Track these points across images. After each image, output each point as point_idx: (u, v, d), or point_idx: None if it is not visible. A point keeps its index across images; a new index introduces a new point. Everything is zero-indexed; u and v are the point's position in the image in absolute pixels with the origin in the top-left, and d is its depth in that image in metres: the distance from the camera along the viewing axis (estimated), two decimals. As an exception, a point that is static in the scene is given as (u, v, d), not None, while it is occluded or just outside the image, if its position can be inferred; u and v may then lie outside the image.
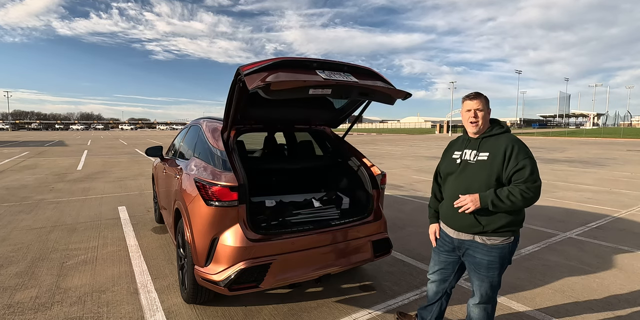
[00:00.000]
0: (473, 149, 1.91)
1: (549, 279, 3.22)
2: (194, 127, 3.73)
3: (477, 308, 2.02)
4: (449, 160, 2.03)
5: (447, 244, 2.06)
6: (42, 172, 10.23)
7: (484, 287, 1.95)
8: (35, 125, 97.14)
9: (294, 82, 2.10)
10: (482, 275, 1.92)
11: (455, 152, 2.02)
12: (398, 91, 2.45)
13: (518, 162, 1.76)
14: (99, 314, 2.62)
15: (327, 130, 3.58)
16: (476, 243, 1.89)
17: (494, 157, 1.82)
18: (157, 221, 4.95)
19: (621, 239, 4.31)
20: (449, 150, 2.10)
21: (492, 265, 1.89)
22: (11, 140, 30.56)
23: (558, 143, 26.09)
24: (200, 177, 2.56)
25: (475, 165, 1.87)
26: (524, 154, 1.78)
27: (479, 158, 1.86)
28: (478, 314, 2.02)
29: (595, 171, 10.25)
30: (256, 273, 2.36)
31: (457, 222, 1.93)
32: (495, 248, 1.86)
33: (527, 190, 1.73)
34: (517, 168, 1.76)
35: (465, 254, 1.97)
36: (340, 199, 3.27)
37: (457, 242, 1.98)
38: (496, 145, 1.84)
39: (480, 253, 1.89)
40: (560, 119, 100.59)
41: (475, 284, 1.99)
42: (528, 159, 1.77)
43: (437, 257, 2.15)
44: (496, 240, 1.85)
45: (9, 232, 4.56)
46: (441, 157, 2.15)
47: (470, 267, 1.97)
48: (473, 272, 1.96)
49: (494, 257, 1.87)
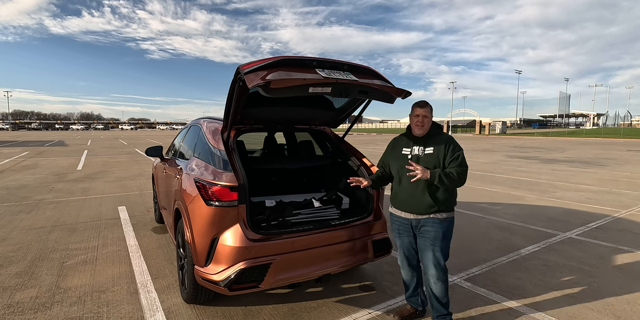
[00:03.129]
0: (420, 146, 2.40)
1: (549, 279, 3.22)
2: (194, 127, 3.73)
3: (436, 279, 2.36)
4: (399, 155, 2.47)
5: (406, 226, 2.46)
6: (42, 172, 10.23)
7: (438, 258, 2.35)
8: (35, 125, 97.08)
9: (293, 80, 2.10)
10: (437, 247, 2.34)
11: (404, 149, 2.47)
12: (398, 90, 2.45)
13: (454, 153, 2.33)
14: (99, 314, 2.62)
15: (327, 130, 3.57)
16: (432, 219, 2.34)
17: (438, 151, 2.34)
18: (157, 221, 4.95)
19: (621, 239, 4.31)
20: (394, 147, 2.55)
21: (446, 235, 2.36)
22: (11, 140, 30.56)
23: (558, 143, 26.10)
24: (200, 177, 2.56)
25: (424, 157, 2.37)
26: (458, 148, 2.35)
27: (426, 152, 2.37)
28: (440, 284, 2.37)
29: (595, 171, 10.25)
30: (256, 273, 2.36)
31: (417, 206, 2.36)
32: (446, 221, 2.36)
33: (461, 171, 2.27)
34: (454, 157, 2.32)
35: (421, 230, 2.38)
36: (340, 199, 3.27)
37: (414, 222, 2.40)
38: (438, 142, 2.36)
39: (436, 227, 2.34)
40: (560, 119, 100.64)
41: (429, 258, 2.35)
42: (460, 151, 2.35)
43: (400, 242, 2.52)
44: (447, 215, 2.36)
45: (8, 232, 4.56)
46: (386, 153, 2.61)
47: (426, 242, 2.36)
48: (429, 246, 2.35)
49: (447, 228, 2.36)
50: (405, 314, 2.56)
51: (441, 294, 2.38)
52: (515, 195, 6.94)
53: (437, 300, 2.39)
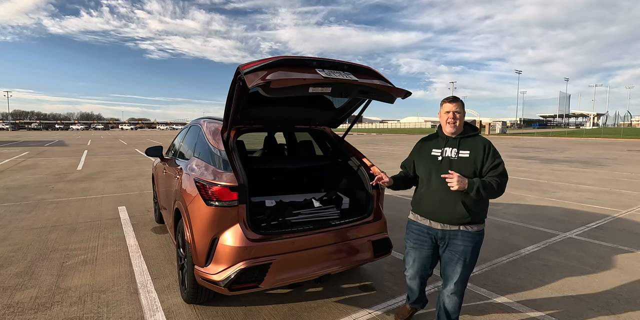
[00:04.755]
0: (453, 147, 2.16)
1: (549, 279, 3.22)
2: (194, 127, 3.73)
3: (454, 297, 2.18)
4: (428, 157, 2.24)
5: (428, 236, 2.22)
6: (42, 172, 10.23)
7: (464, 273, 2.15)
8: (35, 125, 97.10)
9: (293, 80, 2.10)
10: (466, 262, 2.12)
11: (433, 150, 2.23)
12: (398, 89, 2.45)
13: (494, 159, 2.09)
14: (99, 314, 2.62)
15: (327, 130, 3.57)
16: (462, 232, 2.11)
17: (475, 155, 2.10)
18: (157, 221, 4.95)
19: (621, 239, 4.31)
20: (423, 147, 2.31)
21: (476, 250, 2.14)
22: (11, 140, 30.56)
23: (558, 143, 26.09)
24: (200, 177, 2.56)
25: (458, 161, 2.12)
26: (497, 154, 2.12)
27: (461, 155, 2.13)
28: (455, 301, 2.20)
29: (595, 171, 10.25)
30: (256, 273, 2.36)
31: (446, 215, 2.12)
32: (477, 234, 2.13)
33: (501, 182, 2.06)
34: (494, 164, 2.08)
35: (449, 243, 2.15)
36: (340, 199, 3.27)
37: (440, 234, 2.17)
38: (475, 145, 2.13)
39: (466, 241, 2.11)
40: (560, 119, 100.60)
41: (454, 272, 2.15)
42: (501, 159, 2.11)
43: (417, 254, 2.29)
44: (478, 227, 2.13)
45: (9, 232, 4.56)
46: (412, 153, 2.39)
47: (453, 256, 2.14)
48: (455, 260, 2.13)
49: (477, 242, 2.14)
50: (405, 315, 2.54)
51: (453, 309, 2.22)
52: (515, 195, 6.94)
53: (447, 315, 2.24)
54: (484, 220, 2.17)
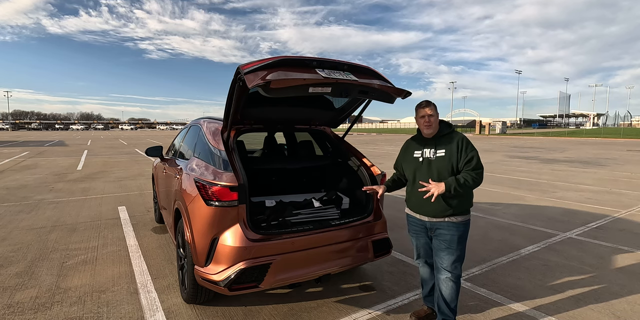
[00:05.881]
0: (431, 148, 2.32)
1: (549, 279, 3.22)
2: (194, 127, 3.73)
3: (449, 281, 2.31)
4: (411, 158, 2.41)
5: (421, 227, 2.42)
6: (42, 172, 10.23)
7: (453, 259, 2.29)
8: (35, 125, 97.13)
9: (293, 80, 2.10)
10: (453, 249, 2.28)
11: (415, 151, 2.40)
12: (398, 90, 2.45)
13: (467, 154, 2.23)
14: (99, 314, 2.62)
15: (327, 130, 3.57)
16: (447, 223, 2.28)
17: (450, 153, 2.25)
18: (157, 221, 4.95)
19: (621, 239, 4.31)
20: (407, 150, 2.49)
21: (462, 239, 2.31)
22: (11, 140, 30.56)
23: (558, 143, 26.09)
24: (200, 177, 2.56)
25: (436, 160, 2.28)
26: (471, 148, 2.25)
27: (438, 155, 2.28)
28: (452, 286, 2.31)
29: (595, 171, 10.25)
30: (256, 273, 2.36)
31: (431, 210, 2.30)
32: (462, 224, 2.30)
33: (476, 175, 2.20)
34: (467, 159, 2.22)
35: (436, 233, 2.33)
36: (340, 199, 3.27)
37: (429, 225, 2.36)
38: (449, 143, 2.27)
39: (452, 230, 2.28)
40: (560, 119, 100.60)
41: (444, 259, 2.30)
42: (474, 152, 2.24)
43: (417, 242, 2.50)
44: (463, 218, 2.30)
45: (9, 232, 4.56)
46: (400, 156, 2.55)
47: (441, 244, 2.31)
48: (444, 248, 2.30)
49: (463, 232, 2.30)
50: (422, 315, 2.54)
51: (450, 297, 2.30)
52: (515, 195, 6.94)
53: (446, 304, 2.32)
54: (469, 210, 2.34)
